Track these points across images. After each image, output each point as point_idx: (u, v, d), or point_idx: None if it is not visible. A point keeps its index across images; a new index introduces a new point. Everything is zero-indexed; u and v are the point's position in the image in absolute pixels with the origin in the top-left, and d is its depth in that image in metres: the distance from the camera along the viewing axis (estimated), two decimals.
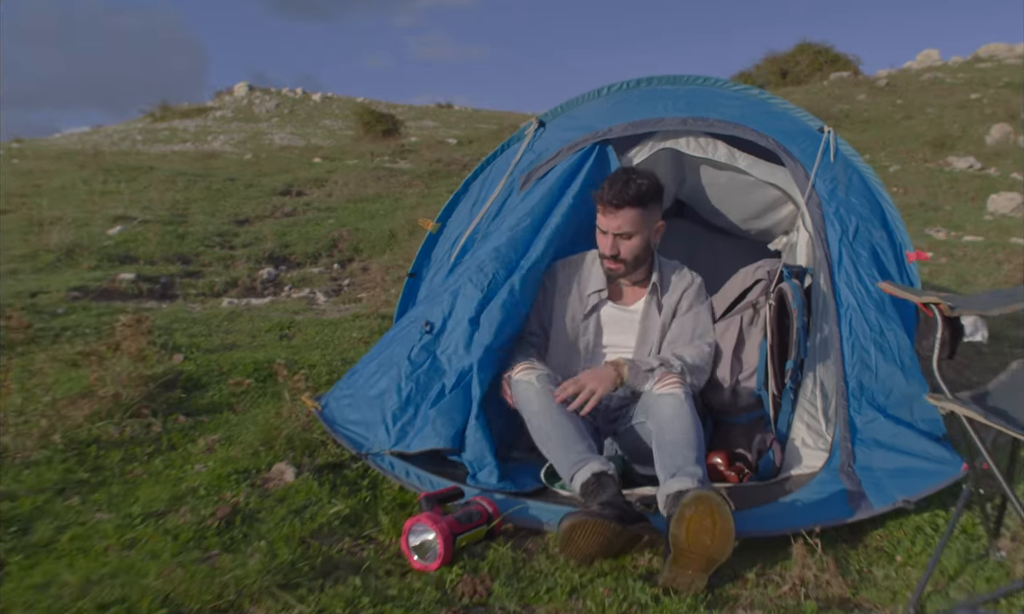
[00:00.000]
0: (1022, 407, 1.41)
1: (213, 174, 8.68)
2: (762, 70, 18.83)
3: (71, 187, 7.97)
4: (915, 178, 7.34)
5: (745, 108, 2.38)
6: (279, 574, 1.51)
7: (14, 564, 1.57)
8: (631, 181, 2.04)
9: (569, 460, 1.74)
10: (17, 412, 2.40)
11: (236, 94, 46.72)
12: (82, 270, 4.95)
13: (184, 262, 5.42)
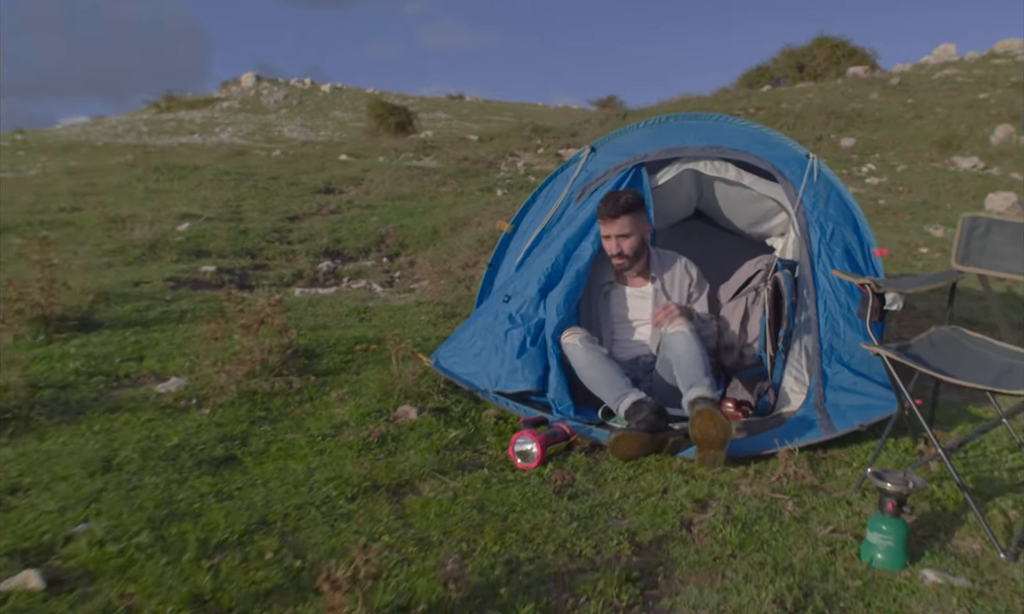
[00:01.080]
0: (931, 355, 2.20)
1: (256, 173, 9.52)
2: (779, 64, 19.52)
3: (127, 186, 8.82)
4: (920, 178, 8.08)
5: (749, 138, 3.18)
6: (432, 466, 2.33)
7: (247, 461, 2.40)
8: (620, 197, 2.87)
9: (614, 395, 2.56)
10: (188, 371, 3.24)
11: (243, 85, 47.47)
12: (166, 263, 5.78)
13: (251, 256, 6.25)
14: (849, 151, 9.34)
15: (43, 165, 16.60)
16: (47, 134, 31.32)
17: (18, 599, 1.54)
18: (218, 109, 38.21)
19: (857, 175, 8.39)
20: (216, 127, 34.39)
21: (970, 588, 1.77)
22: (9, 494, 2.06)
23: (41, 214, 7.25)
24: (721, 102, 12.87)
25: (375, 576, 1.49)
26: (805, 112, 10.90)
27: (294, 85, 43.85)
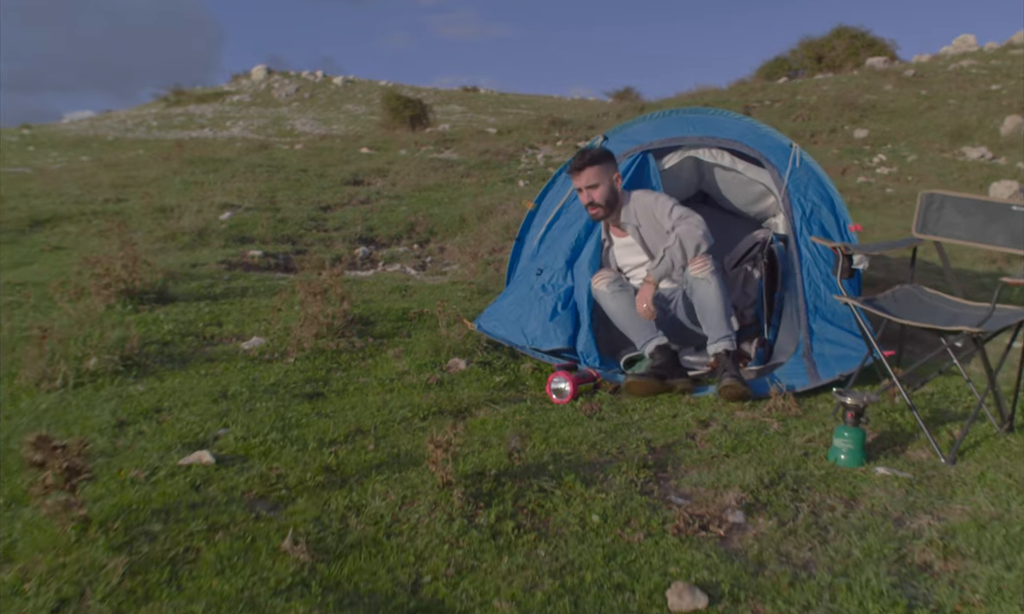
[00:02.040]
0: (893, 306, 2.79)
1: (285, 166, 10.19)
2: (797, 55, 19.99)
3: (163, 179, 9.50)
4: (929, 168, 8.61)
5: (742, 129, 3.77)
6: (484, 399, 2.95)
7: (331, 396, 3.02)
8: (584, 153, 3.30)
9: (640, 339, 3.15)
10: (264, 333, 3.87)
11: (254, 78, 48.17)
12: (215, 248, 6.43)
13: (291, 242, 6.89)
14: (862, 142, 9.86)
15: (54, 159, 17.34)
16: (54, 129, 32.09)
17: (198, 469, 2.17)
18: (228, 103, 38.95)
19: (868, 165, 8.92)
20: (227, 121, 35.11)
21: (911, 478, 2.36)
22: (155, 413, 2.70)
23: (89, 204, 7.93)
24: (738, 94, 13.40)
25: (457, 454, 2.10)
26: (820, 104, 11.43)
27: (306, 78, 44.54)
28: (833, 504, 2.17)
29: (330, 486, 2.09)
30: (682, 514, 2.01)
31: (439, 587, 1.66)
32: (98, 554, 1.71)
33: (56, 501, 1.74)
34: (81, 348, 3.26)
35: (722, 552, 1.85)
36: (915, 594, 1.69)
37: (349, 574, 1.69)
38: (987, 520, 2.07)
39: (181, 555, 1.73)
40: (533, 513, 1.99)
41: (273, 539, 1.80)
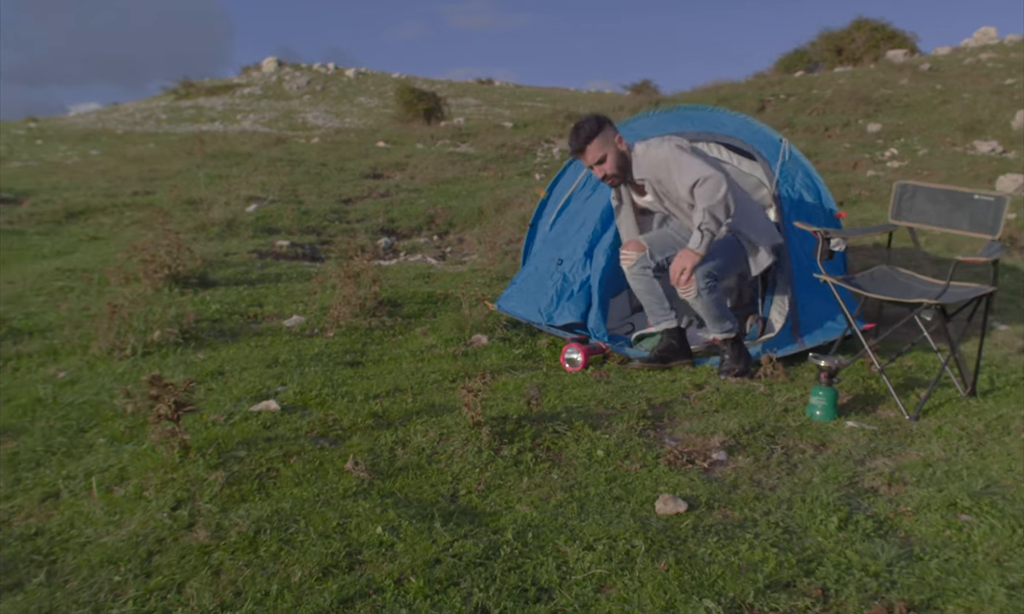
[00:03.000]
0: (869, 284, 3.23)
1: (304, 160, 10.71)
2: (817, 47, 20.29)
3: (187, 172, 10.04)
4: (940, 161, 8.97)
5: (737, 125, 4.21)
6: (505, 366, 3.42)
7: (369, 365, 3.50)
8: (579, 131, 3.39)
9: (655, 318, 3.58)
10: (303, 313, 4.36)
11: (264, 70, 48.78)
12: (244, 238, 6.95)
13: (316, 233, 7.39)
14: (875, 136, 10.23)
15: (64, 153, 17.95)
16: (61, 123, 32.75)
17: (266, 414, 2.66)
18: (239, 96, 39.60)
19: (879, 159, 9.30)
20: (238, 114, 35.71)
21: (876, 431, 2.81)
22: (219, 374, 3.20)
23: (119, 197, 8.48)
24: (754, 88, 13.77)
25: (484, 401, 2.58)
26: (835, 98, 11.79)
27: (317, 70, 45.15)
28: (804, 448, 2.62)
29: (378, 427, 2.57)
30: (673, 451, 2.48)
31: (472, 498, 2.14)
32: (199, 471, 2.20)
33: (164, 429, 2.23)
34: (144, 323, 3.76)
35: (704, 478, 2.31)
36: (857, 506, 2.14)
37: (400, 487, 2.17)
38: (934, 461, 2.52)
39: (265, 473, 2.22)
40: (548, 448, 2.46)
41: (337, 463, 2.28)
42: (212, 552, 1.81)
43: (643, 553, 1.77)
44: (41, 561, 1.86)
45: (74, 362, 3.52)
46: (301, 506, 2.01)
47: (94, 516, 2.04)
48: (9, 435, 2.67)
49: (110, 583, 1.74)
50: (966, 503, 2.14)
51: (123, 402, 2.75)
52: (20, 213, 7.53)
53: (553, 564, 1.75)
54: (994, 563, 1.82)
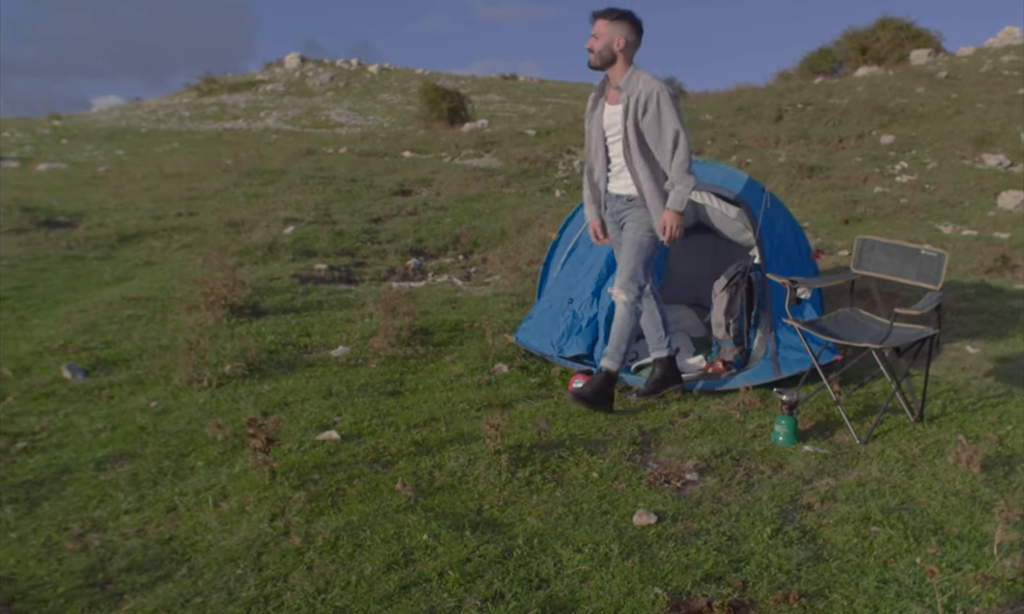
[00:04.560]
0: (833, 326, 3.90)
1: (336, 176, 11.51)
2: (842, 46, 20.67)
3: (226, 191, 10.88)
4: (947, 175, 9.53)
5: (724, 177, 4.89)
6: (522, 396, 4.15)
7: (407, 393, 4.25)
8: (610, 7, 3.66)
9: (651, 346, 4.19)
10: (346, 342, 5.13)
11: (287, 66, 49.60)
12: (285, 262, 7.74)
13: (350, 255, 8.16)
14: (887, 148, 10.78)
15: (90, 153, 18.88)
16: (85, 120, 33.91)
17: (329, 443, 3.42)
18: (262, 92, 40.67)
19: (889, 173, 9.87)
20: (261, 111, 36.69)
21: (828, 454, 3.49)
22: (285, 405, 3.97)
23: (165, 219, 9.32)
24: (773, 94, 14.34)
25: (504, 432, 3.31)
26: (851, 107, 12.34)
27: (340, 66, 46.07)
28: (763, 469, 3.32)
29: (419, 454, 3.32)
30: (654, 473, 3.19)
31: (494, 512, 2.87)
32: (286, 490, 2.96)
33: (258, 458, 2.99)
34: (216, 356, 4.55)
35: (676, 496, 3.02)
36: (791, 519, 2.84)
37: (439, 503, 2.91)
38: (868, 481, 3.20)
39: (335, 492, 2.98)
40: (554, 471, 3.19)
41: (388, 484, 3.03)
42: (305, 553, 2.57)
43: (616, 554, 2.50)
44: (179, 559, 2.63)
45: (159, 392, 4.31)
46: (365, 519, 2.76)
47: (211, 525, 2.81)
48: (126, 458, 3.46)
49: (234, 575, 2.50)
50: (878, 517, 2.83)
51: (214, 432, 3.52)
52: (77, 237, 8.40)
53: (551, 562, 2.48)
54: (880, 564, 2.52)
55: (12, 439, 3.69)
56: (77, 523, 2.94)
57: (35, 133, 24.98)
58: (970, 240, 7.51)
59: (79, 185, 12.75)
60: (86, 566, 2.64)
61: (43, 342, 5.13)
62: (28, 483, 3.26)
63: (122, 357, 4.88)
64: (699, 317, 5.60)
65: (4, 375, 4.56)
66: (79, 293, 6.59)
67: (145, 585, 2.50)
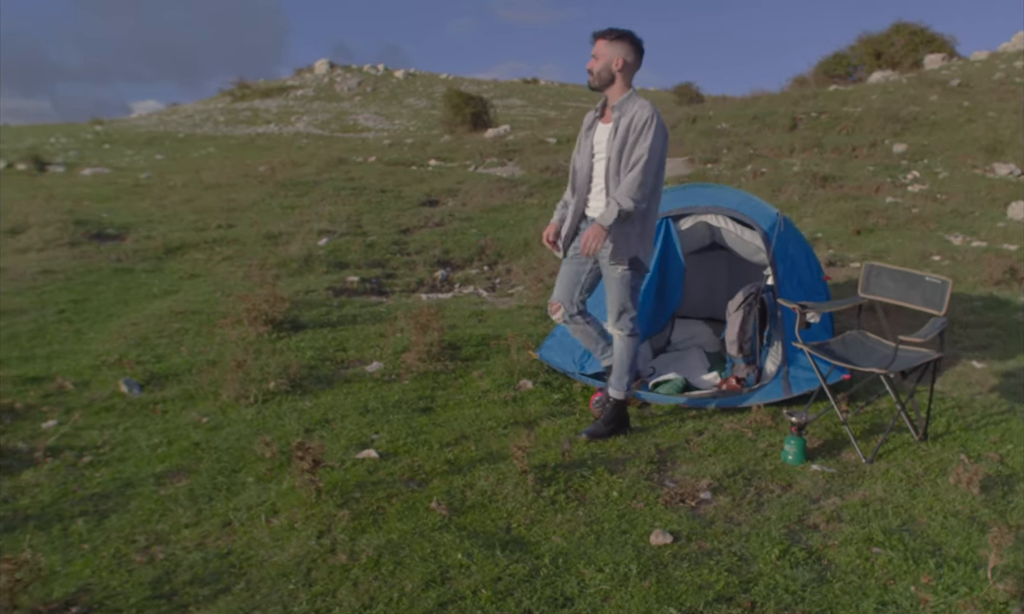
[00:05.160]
0: (841, 349, 4.01)
1: (366, 187, 11.71)
2: (856, 51, 20.52)
3: (262, 202, 11.12)
4: (958, 185, 9.51)
5: (739, 200, 4.99)
6: (546, 413, 4.30)
7: (438, 409, 4.41)
8: (610, 28, 3.63)
9: (598, 354, 4.29)
10: (379, 357, 5.31)
11: (317, 72, 50.04)
12: (319, 274, 7.94)
13: (380, 266, 8.35)
14: (899, 157, 10.77)
15: (130, 158, 19.24)
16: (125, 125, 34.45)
17: (368, 461, 3.60)
18: (292, 97, 41.09)
19: (901, 183, 9.86)
20: (292, 116, 37.08)
21: (835, 473, 3.61)
22: (326, 422, 4.15)
23: (207, 232, 9.57)
24: (788, 102, 14.31)
25: (531, 451, 3.46)
26: (865, 116, 12.31)
27: (367, 71, 46.37)
28: (773, 488, 3.44)
29: (451, 473, 3.48)
30: (670, 492, 3.33)
31: (521, 530, 3.03)
32: (331, 508, 3.14)
33: (305, 478, 3.17)
34: (261, 373, 4.74)
35: (690, 515, 3.16)
36: (797, 540, 2.97)
37: (470, 522, 3.07)
38: (872, 501, 3.32)
39: (376, 510, 3.15)
40: (576, 490, 3.34)
41: (424, 502, 3.20)
42: (350, 570, 2.75)
43: (635, 574, 2.64)
44: (237, 573, 2.82)
45: (209, 407, 4.51)
46: (405, 537, 2.93)
47: (264, 541, 3.00)
48: (183, 473, 3.66)
49: (287, 590, 2.68)
50: (880, 538, 2.94)
51: (262, 449, 3.72)
52: (126, 250, 8.67)
53: (575, 581, 2.64)
54: (881, 587, 2.64)
55: (79, 453, 3.90)
56: (142, 536, 3.13)
57: (79, 138, 25.48)
58: (979, 252, 7.52)
59: (124, 193, 13.08)
60: (153, 578, 2.83)
61: (100, 356, 5.37)
62: (96, 496, 3.47)
63: (173, 371, 5.09)
64: (714, 332, 5.72)
65: (67, 388, 4.79)
66: (130, 306, 6.83)
67: (207, 597, 2.69)
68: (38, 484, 3.56)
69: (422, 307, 5.84)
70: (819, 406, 4.28)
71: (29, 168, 16.18)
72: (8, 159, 17.10)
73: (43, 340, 5.75)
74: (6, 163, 16.63)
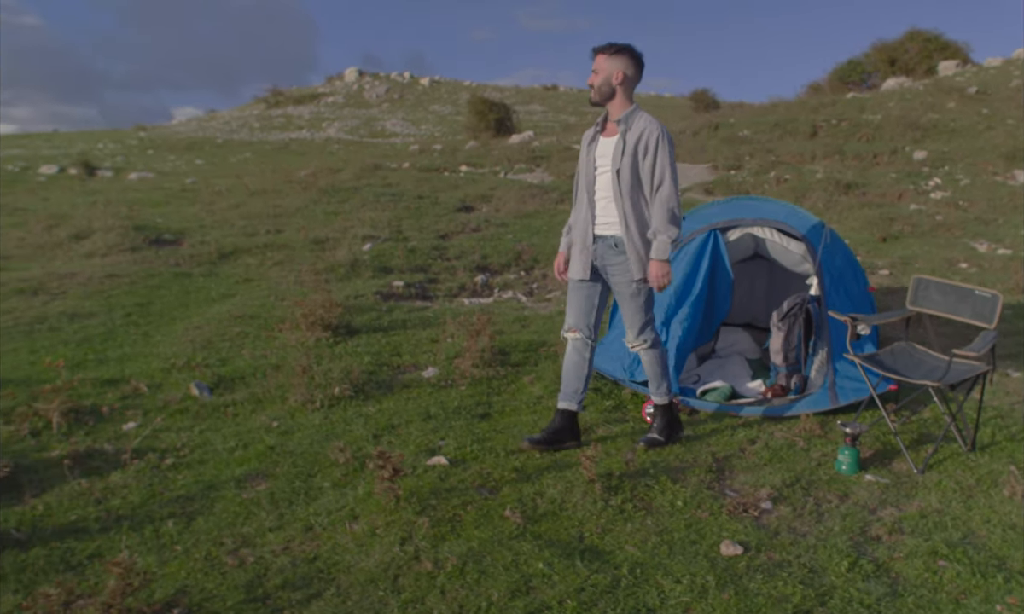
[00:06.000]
0: (890, 360, 3.95)
1: (404, 194, 11.73)
2: (871, 58, 20.26)
3: (306, 208, 11.16)
4: (980, 192, 9.35)
5: (786, 213, 4.93)
6: (600, 420, 4.27)
7: (496, 415, 4.40)
8: (610, 42, 3.51)
9: (562, 394, 3.97)
10: (433, 363, 5.30)
11: (347, 80, 50.21)
12: (366, 279, 7.96)
13: (423, 271, 8.36)
14: (920, 164, 10.61)
15: (173, 163, 19.38)
16: (167, 131, 34.77)
17: (439, 468, 3.60)
18: (323, 104, 41.27)
19: (923, 189, 9.72)
20: (323, 122, 37.23)
21: (888, 483, 3.56)
22: (392, 427, 4.16)
23: (257, 237, 9.62)
24: (807, 109, 14.15)
25: (596, 461, 3.44)
26: (884, 123, 12.14)
27: (394, 79, 46.46)
28: (830, 499, 3.40)
29: (520, 480, 3.47)
30: (732, 501, 3.30)
31: (594, 539, 3.01)
32: (410, 515, 3.14)
33: (384, 486, 3.17)
34: (325, 378, 4.76)
35: (755, 525, 3.13)
36: (863, 552, 2.93)
37: (544, 530, 3.06)
38: (929, 512, 3.27)
39: (453, 517, 3.15)
40: (642, 499, 3.32)
41: (498, 510, 3.20)
42: (436, 577, 2.75)
43: (714, 587, 2.62)
44: (326, 579, 2.82)
45: (277, 411, 4.53)
46: (484, 545, 2.93)
47: (348, 547, 3.01)
48: (261, 478, 3.68)
49: (376, 597, 2.68)
50: (944, 551, 2.90)
51: (336, 455, 3.73)
52: (183, 254, 8.73)
53: (655, 592, 2.62)
54: (953, 601, 2.60)
55: (161, 455, 3.93)
56: (229, 538, 3.15)
57: (124, 144, 25.73)
58: (1006, 259, 7.40)
59: (173, 198, 13.18)
60: (246, 581, 2.84)
61: (169, 358, 5.41)
62: (181, 498, 3.49)
63: (238, 374, 5.12)
64: (754, 339, 5.66)
65: (141, 390, 4.83)
66: (191, 309, 6.88)
67: (300, 602, 2.70)
68: (126, 485, 3.59)
69: (473, 314, 5.83)
70: (865, 416, 4.22)
71: (80, 173, 16.38)
72: (61, 164, 17.32)
73: (114, 342, 5.81)
74: (59, 168, 16.84)
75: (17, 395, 4.57)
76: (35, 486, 3.55)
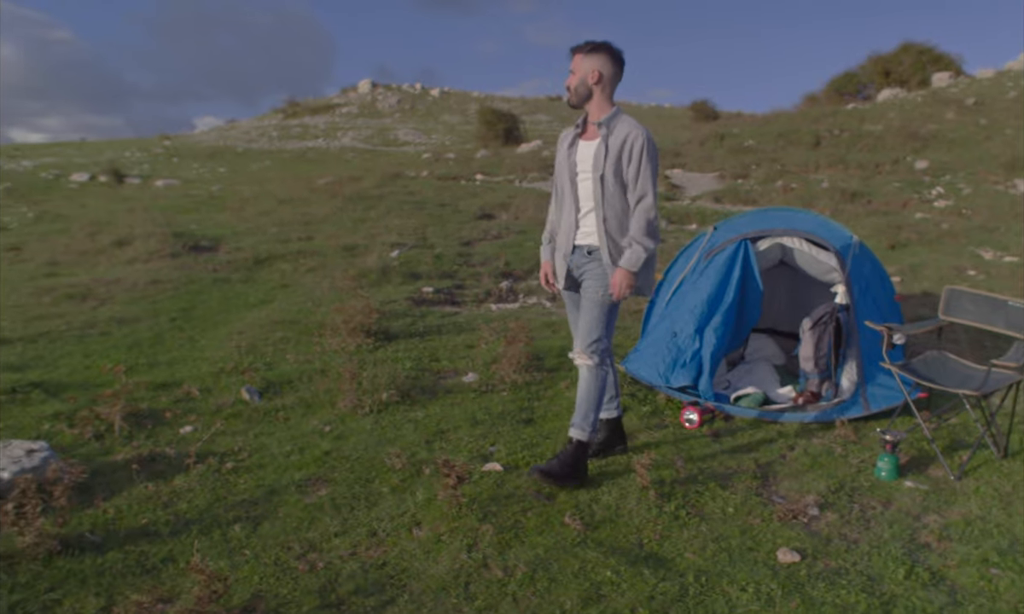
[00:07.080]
0: (924, 369, 3.89)
1: (426, 202, 11.67)
2: (866, 70, 20.17)
3: (334, 216, 11.12)
4: (982, 200, 9.28)
5: (816, 224, 4.87)
6: (640, 427, 4.22)
7: (538, 420, 4.35)
8: (587, 40, 3.20)
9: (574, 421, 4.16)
10: (472, 368, 5.25)
11: (360, 91, 50.23)
12: (396, 285, 7.91)
13: (450, 277, 8.30)
14: (922, 173, 10.53)
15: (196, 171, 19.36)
16: (190, 140, 34.78)
17: (494, 474, 3.54)
18: (338, 114, 41.23)
19: (927, 198, 9.64)
20: (338, 132, 37.20)
21: (928, 490, 3.50)
22: (442, 433, 4.11)
23: (290, 243, 9.58)
24: (809, 120, 14.07)
25: (650, 468, 3.39)
26: (885, 133, 12.06)
27: (406, 90, 46.42)
28: (875, 505, 3.34)
29: (574, 487, 3.42)
30: (781, 508, 3.24)
31: (653, 545, 2.96)
32: (473, 522, 3.09)
33: (448, 493, 3.12)
34: (372, 384, 4.71)
35: (806, 532, 3.07)
36: (917, 559, 2.87)
37: (605, 537, 3.01)
38: (972, 519, 3.21)
39: (515, 524, 3.10)
40: (695, 505, 3.27)
41: (557, 516, 3.14)
42: (506, 584, 2.70)
43: (780, 595, 2.57)
44: (397, 585, 2.77)
45: (328, 416, 4.48)
46: (549, 552, 2.88)
47: (415, 553, 2.96)
48: (321, 482, 3.63)
49: (450, 604, 2.63)
50: (995, 559, 2.84)
51: (392, 461, 3.68)
52: (221, 261, 8.69)
53: (723, 601, 2.57)
54: (1013, 609, 2.54)
55: (221, 458, 3.88)
56: (296, 544, 3.10)
57: (150, 153, 25.70)
58: (1013, 266, 7.33)
59: (202, 205, 13.14)
60: (318, 587, 2.79)
61: (217, 362, 5.36)
62: (245, 503, 3.44)
63: (285, 379, 5.07)
64: (778, 345, 5.60)
65: (193, 394, 4.79)
66: (231, 314, 6.84)
67: (375, 608, 2.65)
68: (191, 489, 3.55)
69: (506, 320, 5.77)
70: (896, 423, 4.16)
71: (109, 180, 16.35)
72: (91, 171, 17.30)
73: (163, 347, 5.76)
74: (89, 175, 16.82)
75: (78, 399, 4.53)
76: (104, 489, 3.50)
